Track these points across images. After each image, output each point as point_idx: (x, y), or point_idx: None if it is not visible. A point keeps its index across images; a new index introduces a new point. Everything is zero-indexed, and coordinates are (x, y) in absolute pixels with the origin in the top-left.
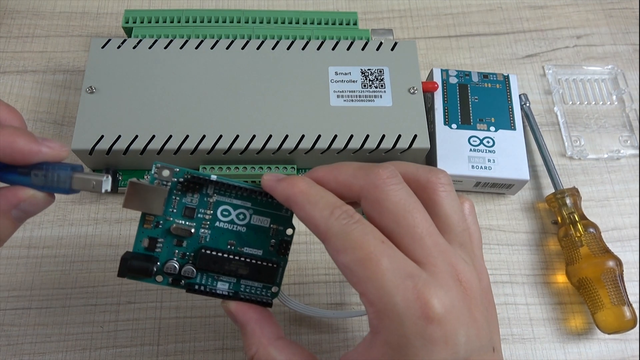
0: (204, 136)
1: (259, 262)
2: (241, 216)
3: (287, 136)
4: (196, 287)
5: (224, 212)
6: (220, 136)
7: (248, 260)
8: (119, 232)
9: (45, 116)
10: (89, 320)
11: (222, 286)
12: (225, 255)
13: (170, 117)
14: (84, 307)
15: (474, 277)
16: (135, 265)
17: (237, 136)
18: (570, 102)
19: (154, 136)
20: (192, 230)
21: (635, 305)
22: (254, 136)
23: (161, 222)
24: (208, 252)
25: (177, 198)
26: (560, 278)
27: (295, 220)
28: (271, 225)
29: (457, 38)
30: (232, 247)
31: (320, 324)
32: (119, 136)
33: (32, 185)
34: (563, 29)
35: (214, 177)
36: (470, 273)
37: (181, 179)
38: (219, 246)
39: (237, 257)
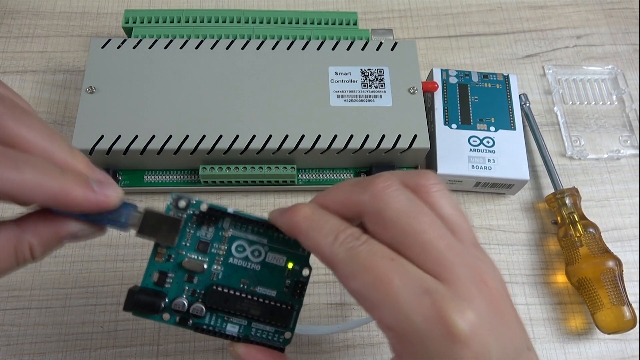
0: (204, 136)
1: (273, 303)
2: (256, 253)
3: (287, 136)
4: (204, 327)
5: (239, 248)
6: (220, 136)
7: (261, 300)
8: (118, 232)
9: (45, 116)
10: (89, 320)
11: (232, 328)
12: (237, 294)
13: (170, 117)
14: (84, 307)
15: (496, 275)
16: (143, 301)
17: (237, 136)
18: (570, 102)
19: (154, 136)
20: (205, 266)
21: (635, 305)
22: (254, 136)
23: (173, 255)
24: (219, 289)
25: (192, 231)
26: (560, 278)
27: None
28: (287, 265)
29: (457, 38)
30: (245, 286)
31: (320, 325)
32: (119, 136)
33: (87, 218)
34: (563, 29)
35: (230, 210)
36: (492, 271)
37: (197, 211)
38: (232, 284)
39: (249, 297)
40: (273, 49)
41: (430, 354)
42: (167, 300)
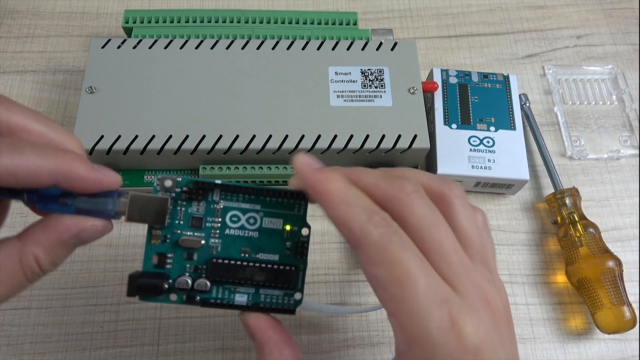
0: (204, 136)
1: (276, 267)
2: (251, 220)
3: (287, 136)
4: (212, 301)
5: (233, 218)
6: (220, 136)
7: (264, 265)
8: (118, 232)
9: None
10: (89, 320)
11: (240, 298)
12: (239, 263)
13: (170, 117)
14: (84, 307)
15: (498, 296)
16: (145, 284)
17: (237, 136)
18: (570, 102)
19: (154, 136)
20: (202, 242)
21: (635, 305)
22: (254, 136)
23: (169, 236)
24: (220, 261)
25: (183, 208)
26: (560, 278)
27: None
28: (284, 227)
29: (457, 38)
30: (246, 255)
31: (320, 324)
32: (119, 136)
33: (77, 212)
34: (563, 29)
35: (218, 181)
36: (495, 292)
37: (185, 188)
38: (232, 255)
39: (251, 264)
40: (273, 49)
41: None
42: (170, 280)
